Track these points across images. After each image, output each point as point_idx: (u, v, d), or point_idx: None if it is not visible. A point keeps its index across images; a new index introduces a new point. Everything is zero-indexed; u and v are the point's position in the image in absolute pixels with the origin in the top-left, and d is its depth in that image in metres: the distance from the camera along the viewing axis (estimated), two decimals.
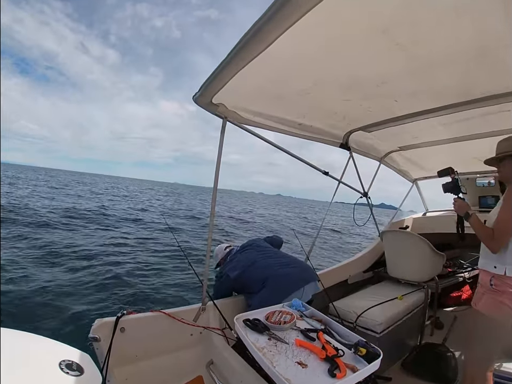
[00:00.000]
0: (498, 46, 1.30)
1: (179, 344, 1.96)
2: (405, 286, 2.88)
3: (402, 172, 4.26)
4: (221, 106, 1.87)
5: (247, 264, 2.26)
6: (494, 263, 1.69)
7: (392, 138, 2.91)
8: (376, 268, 3.60)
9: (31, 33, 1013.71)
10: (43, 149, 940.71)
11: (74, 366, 1.06)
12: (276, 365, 1.09)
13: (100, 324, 1.67)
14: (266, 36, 1.11)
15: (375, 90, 1.81)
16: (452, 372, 2.21)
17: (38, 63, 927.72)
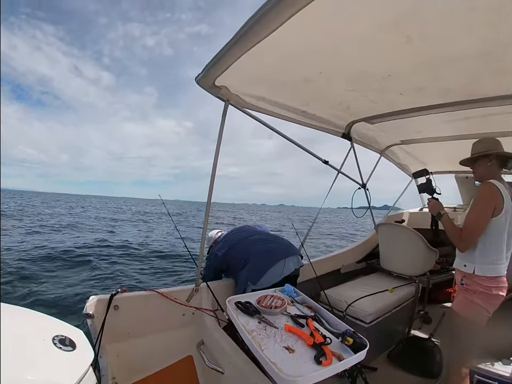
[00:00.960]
0: (506, 48, 1.29)
1: (171, 324, 1.99)
2: (397, 279, 2.90)
3: (402, 165, 4.25)
4: (223, 89, 1.84)
5: (232, 242, 2.35)
6: (464, 262, 1.74)
7: (394, 131, 2.89)
8: (370, 259, 3.63)
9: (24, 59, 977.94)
10: (42, 173, 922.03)
11: (67, 341, 1.08)
12: (264, 348, 1.11)
13: (94, 301, 1.69)
14: (272, 21, 1.09)
15: (380, 83, 1.78)
16: (436, 366, 2.25)
17: (33, 88, 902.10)
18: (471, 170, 1.91)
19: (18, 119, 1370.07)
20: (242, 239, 2.39)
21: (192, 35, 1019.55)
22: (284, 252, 2.21)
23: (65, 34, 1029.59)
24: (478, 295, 1.65)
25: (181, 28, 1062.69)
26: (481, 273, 1.64)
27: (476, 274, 1.65)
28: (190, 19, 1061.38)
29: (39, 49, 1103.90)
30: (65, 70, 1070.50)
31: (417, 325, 2.92)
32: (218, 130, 1.95)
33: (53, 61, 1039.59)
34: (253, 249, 2.21)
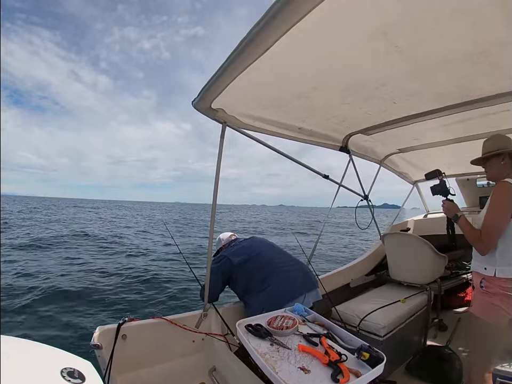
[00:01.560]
0: (496, 47, 1.31)
1: (181, 351, 1.95)
2: (408, 289, 2.86)
3: (402, 174, 4.26)
4: (220, 111, 1.87)
5: (252, 253, 2.19)
6: (484, 264, 1.68)
7: (391, 140, 2.91)
8: (378, 271, 3.59)
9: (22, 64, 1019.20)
10: (42, 178, 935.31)
11: (76, 373, 1.06)
12: (279, 371, 1.08)
13: (101, 331, 1.67)
14: (264, 40, 1.12)
15: (374, 93, 1.81)
16: (456, 373, 2.19)
17: (32, 93, 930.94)
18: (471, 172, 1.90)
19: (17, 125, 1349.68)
20: (263, 254, 2.23)
21: (189, 37, 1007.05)
22: (306, 286, 2.10)
23: (62, 39, 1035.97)
24: (498, 297, 1.60)
25: (177, 30, 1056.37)
26: (503, 275, 1.59)
27: (498, 277, 1.60)
28: (186, 21, 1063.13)
29: (36, 54, 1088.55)
30: (63, 75, 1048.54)
31: (433, 333, 2.86)
32: (217, 136, 1.96)
33: (50, 66, 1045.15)
34: (275, 272, 2.08)
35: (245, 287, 2.11)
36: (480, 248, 1.65)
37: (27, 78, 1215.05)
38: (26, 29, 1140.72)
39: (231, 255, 2.19)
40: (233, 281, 2.19)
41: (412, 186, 4.54)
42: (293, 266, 2.21)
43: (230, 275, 2.17)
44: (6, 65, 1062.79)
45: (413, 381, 2.24)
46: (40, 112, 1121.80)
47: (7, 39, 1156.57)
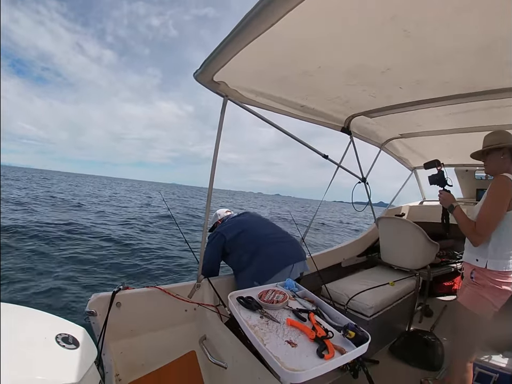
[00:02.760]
0: (505, 41, 1.28)
1: (173, 320, 2.00)
2: (397, 272, 2.92)
3: (402, 159, 4.24)
4: (222, 84, 1.83)
5: (244, 227, 2.25)
6: (476, 256, 1.71)
7: (394, 125, 2.88)
8: (370, 253, 3.64)
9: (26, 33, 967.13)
10: (40, 150, 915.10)
11: (71, 339, 1.09)
12: (267, 343, 1.11)
13: (96, 299, 1.69)
14: (270, 16, 1.08)
15: (379, 77, 1.78)
16: (438, 359, 2.27)
17: (34, 64, 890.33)
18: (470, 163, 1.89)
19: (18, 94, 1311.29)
20: (254, 226, 2.30)
21: (199, 18, 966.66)
22: (294, 256, 2.16)
23: (69, 10, 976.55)
24: (487, 289, 1.64)
25: (187, 9, 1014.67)
26: (494, 268, 1.62)
27: (488, 269, 1.63)
28: (198, 1, 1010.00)
29: (42, 24, 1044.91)
30: (68, 46, 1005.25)
31: (418, 318, 2.94)
32: (217, 120, 1.93)
33: (55, 36, 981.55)
34: (264, 244, 2.14)
35: (237, 260, 2.16)
36: (474, 239, 1.67)
37: (31, 47, 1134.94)
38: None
39: (224, 231, 2.24)
40: (227, 255, 2.23)
41: (410, 172, 4.54)
42: (281, 238, 2.28)
43: (224, 250, 2.21)
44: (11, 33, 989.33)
45: (396, 362, 2.33)
46: (42, 83, 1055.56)
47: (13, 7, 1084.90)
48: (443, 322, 2.89)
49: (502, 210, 1.59)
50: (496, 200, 1.62)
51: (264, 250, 2.10)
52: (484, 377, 1.89)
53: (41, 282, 4.86)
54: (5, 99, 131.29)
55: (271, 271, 1.99)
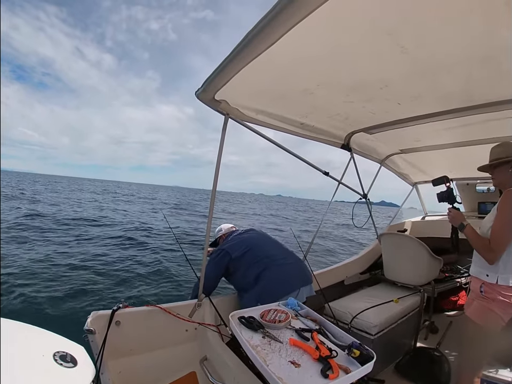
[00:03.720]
0: (503, 52, 1.30)
1: (174, 339, 1.96)
2: (401, 289, 2.88)
3: (402, 175, 4.26)
4: (223, 103, 1.86)
5: (249, 245, 2.19)
6: (486, 271, 1.69)
7: (393, 141, 2.91)
8: (373, 270, 3.61)
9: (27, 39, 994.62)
10: (42, 155, 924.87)
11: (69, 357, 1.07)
12: (269, 363, 1.09)
13: (95, 317, 1.67)
14: (270, 35, 1.11)
15: (378, 93, 1.81)
16: (444, 376, 2.21)
17: (35, 69, 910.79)
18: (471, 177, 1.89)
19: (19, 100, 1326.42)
20: (261, 245, 2.24)
21: (198, 21, 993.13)
22: (301, 280, 2.11)
23: (68, 16, 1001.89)
24: (496, 303, 1.61)
25: (186, 13, 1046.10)
26: (505, 283, 1.60)
27: (499, 284, 1.61)
28: (196, 4, 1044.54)
29: (42, 31, 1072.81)
30: (68, 51, 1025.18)
31: (424, 335, 2.89)
32: (218, 122, 1.94)
33: (55, 42, 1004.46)
34: (271, 265, 2.08)
35: (241, 280, 2.13)
36: (489, 257, 1.63)
37: (31, 54, 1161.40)
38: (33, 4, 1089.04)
39: (230, 248, 2.19)
40: (230, 273, 2.19)
41: (411, 188, 4.55)
42: (289, 260, 2.22)
43: (228, 268, 2.17)
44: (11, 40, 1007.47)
45: (402, 380, 2.26)
46: (42, 89, 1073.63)
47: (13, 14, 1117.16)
48: (449, 339, 2.83)
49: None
50: (508, 215, 1.60)
51: (270, 272, 2.05)
52: None
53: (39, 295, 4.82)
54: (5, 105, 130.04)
55: (276, 294, 1.92)
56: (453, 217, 1.85)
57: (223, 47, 64.09)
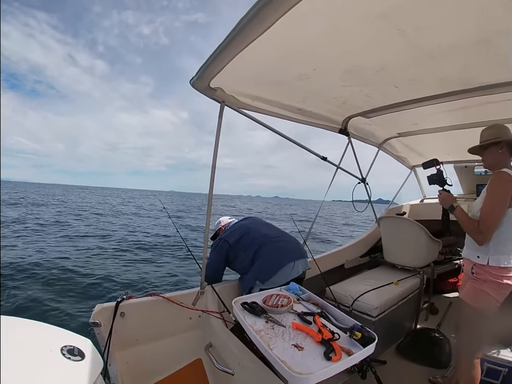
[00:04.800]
0: (500, 36, 1.28)
1: (178, 328, 1.99)
2: (401, 272, 2.91)
3: (400, 158, 4.25)
4: (218, 90, 1.84)
5: (245, 230, 2.28)
6: (477, 253, 1.69)
7: (391, 124, 2.89)
8: (373, 253, 3.64)
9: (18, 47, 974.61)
10: (36, 164, 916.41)
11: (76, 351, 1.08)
12: (273, 347, 1.10)
13: (100, 309, 1.69)
14: (264, 19, 1.09)
15: (375, 76, 1.78)
16: (445, 356, 2.26)
17: (27, 77, 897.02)
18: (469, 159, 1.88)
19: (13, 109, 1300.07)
20: (255, 228, 2.32)
21: (189, 23, 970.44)
22: (295, 254, 2.17)
23: (59, 22, 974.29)
24: (488, 284, 1.63)
25: (178, 16, 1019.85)
26: (496, 264, 1.60)
27: (490, 265, 1.62)
28: (187, 7, 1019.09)
29: (32, 37, 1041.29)
30: (59, 58, 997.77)
31: (424, 316, 2.93)
32: (214, 124, 1.94)
33: (46, 49, 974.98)
34: (265, 243, 2.16)
35: (240, 264, 2.19)
36: (479, 238, 1.64)
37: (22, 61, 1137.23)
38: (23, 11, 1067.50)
39: (227, 236, 2.26)
40: (231, 261, 2.25)
41: (409, 171, 4.55)
42: (283, 238, 2.30)
43: (228, 256, 2.23)
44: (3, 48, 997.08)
45: (403, 361, 2.31)
46: (35, 96, 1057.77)
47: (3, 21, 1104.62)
48: (449, 320, 2.88)
49: (504, 207, 1.57)
50: (496, 197, 1.60)
51: (265, 249, 2.12)
52: (493, 372, 1.88)
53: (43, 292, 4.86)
54: None
55: (272, 269, 2.02)
56: (443, 199, 1.86)
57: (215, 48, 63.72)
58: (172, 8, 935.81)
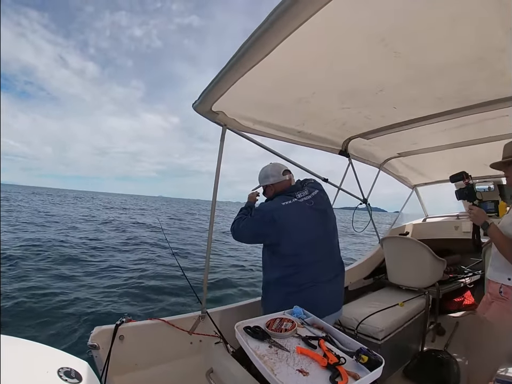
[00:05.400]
0: (495, 53, 1.32)
1: (179, 353, 1.94)
2: (406, 292, 2.86)
3: (401, 178, 4.27)
4: (220, 114, 1.88)
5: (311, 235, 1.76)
6: (507, 275, 1.63)
7: (391, 144, 2.92)
8: (377, 275, 3.59)
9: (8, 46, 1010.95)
10: (25, 166, 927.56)
11: (73, 373, 1.05)
12: (277, 373, 1.08)
13: (98, 332, 1.66)
14: (265, 45, 1.13)
15: (373, 98, 1.82)
16: (454, 377, 2.19)
17: (17, 78, 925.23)
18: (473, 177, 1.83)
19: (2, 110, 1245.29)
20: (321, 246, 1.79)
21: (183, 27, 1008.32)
22: (335, 304, 1.86)
23: (50, 21, 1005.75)
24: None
25: (171, 18, 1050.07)
26: None
27: None
28: (182, 10, 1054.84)
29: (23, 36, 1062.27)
30: (50, 59, 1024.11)
31: (431, 337, 2.86)
32: (204, 130, 2.00)
33: (37, 49, 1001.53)
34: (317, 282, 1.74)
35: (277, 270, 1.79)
36: None
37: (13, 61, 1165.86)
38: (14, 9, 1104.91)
39: (284, 219, 1.70)
40: (267, 248, 1.83)
41: (411, 191, 4.56)
42: (333, 272, 1.86)
43: (270, 240, 1.78)
44: None
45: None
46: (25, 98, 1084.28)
47: None
48: (456, 340, 2.81)
49: None
50: None
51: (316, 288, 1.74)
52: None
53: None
54: None
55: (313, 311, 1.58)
56: (475, 215, 1.72)
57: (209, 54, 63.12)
58: (165, 10, 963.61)
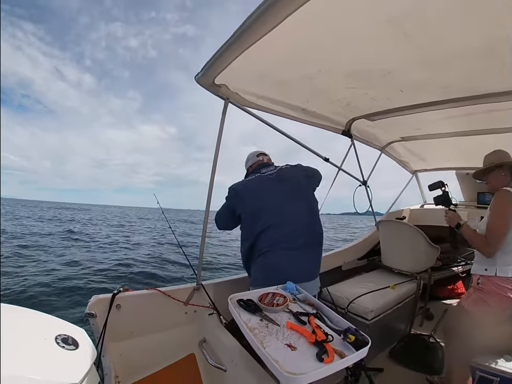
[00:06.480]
0: (505, 46, 1.29)
1: (173, 322, 1.99)
2: (398, 276, 2.91)
3: (402, 162, 4.24)
4: (223, 87, 1.84)
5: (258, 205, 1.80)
6: (484, 266, 1.76)
7: (394, 128, 2.89)
8: (371, 256, 3.64)
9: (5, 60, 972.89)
10: (23, 180, 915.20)
11: (70, 340, 1.09)
12: (266, 346, 1.10)
13: (96, 300, 1.69)
14: (270, 20, 1.10)
15: (380, 80, 1.78)
16: (438, 362, 2.25)
17: (14, 91, 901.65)
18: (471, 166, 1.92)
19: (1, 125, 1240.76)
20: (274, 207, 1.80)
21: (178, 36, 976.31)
22: (305, 274, 1.84)
23: (46, 34, 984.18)
24: (491, 296, 1.69)
25: (166, 28, 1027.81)
26: (504, 275, 1.67)
27: (498, 276, 1.68)
28: (176, 19, 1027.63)
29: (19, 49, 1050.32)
30: (47, 72, 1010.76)
31: (419, 322, 2.93)
32: (201, 140, 1.96)
33: (33, 62, 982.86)
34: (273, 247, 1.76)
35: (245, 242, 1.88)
36: (487, 251, 1.71)
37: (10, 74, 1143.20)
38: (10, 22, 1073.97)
39: (243, 190, 1.86)
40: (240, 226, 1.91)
41: (411, 176, 4.54)
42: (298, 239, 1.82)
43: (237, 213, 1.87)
44: None
45: (396, 366, 2.31)
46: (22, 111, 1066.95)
47: None
48: (443, 326, 2.88)
49: (509, 222, 1.65)
50: (502, 212, 1.69)
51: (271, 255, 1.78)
52: (485, 381, 1.87)
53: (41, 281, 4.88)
54: None
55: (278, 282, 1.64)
56: (450, 219, 1.96)
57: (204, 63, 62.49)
58: (160, 20, 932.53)
